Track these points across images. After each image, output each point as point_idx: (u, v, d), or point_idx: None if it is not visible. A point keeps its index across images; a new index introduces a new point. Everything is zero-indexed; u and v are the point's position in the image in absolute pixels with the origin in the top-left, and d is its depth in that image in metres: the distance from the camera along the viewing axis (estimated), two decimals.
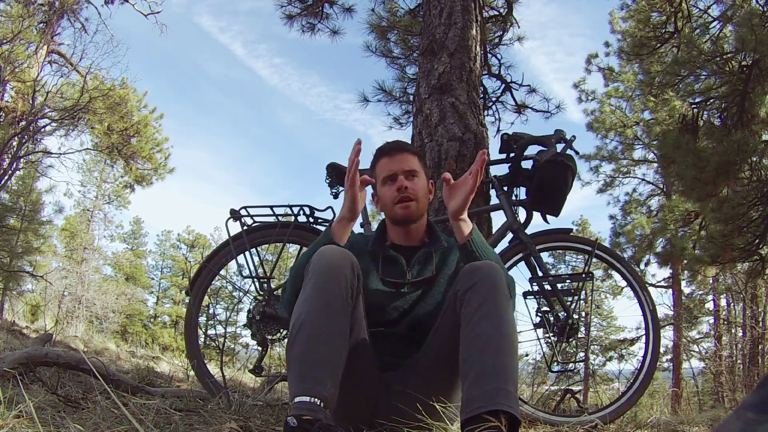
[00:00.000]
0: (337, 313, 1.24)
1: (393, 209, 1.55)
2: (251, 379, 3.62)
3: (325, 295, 1.24)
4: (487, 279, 1.26)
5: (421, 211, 1.57)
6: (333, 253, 1.31)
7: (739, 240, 4.70)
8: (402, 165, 1.57)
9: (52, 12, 9.71)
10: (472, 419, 1.07)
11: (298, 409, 1.09)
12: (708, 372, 9.64)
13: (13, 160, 8.25)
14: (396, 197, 1.54)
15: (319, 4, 4.82)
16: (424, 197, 1.58)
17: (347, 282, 1.28)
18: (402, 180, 1.55)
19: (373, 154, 1.68)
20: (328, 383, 1.15)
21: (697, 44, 4.76)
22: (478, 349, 1.16)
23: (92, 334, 11.15)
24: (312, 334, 1.20)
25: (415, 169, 1.58)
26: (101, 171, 18.99)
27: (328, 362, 1.18)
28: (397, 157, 1.59)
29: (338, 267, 1.28)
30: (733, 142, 4.26)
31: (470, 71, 2.83)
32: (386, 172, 1.58)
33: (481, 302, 1.22)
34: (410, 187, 1.54)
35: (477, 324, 1.20)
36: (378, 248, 1.59)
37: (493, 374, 1.12)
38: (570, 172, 2.17)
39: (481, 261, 1.36)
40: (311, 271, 1.29)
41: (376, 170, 1.63)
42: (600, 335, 18.14)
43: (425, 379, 1.38)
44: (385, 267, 1.56)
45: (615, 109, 13.11)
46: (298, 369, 1.17)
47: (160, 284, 27.23)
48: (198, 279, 2.33)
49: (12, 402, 1.19)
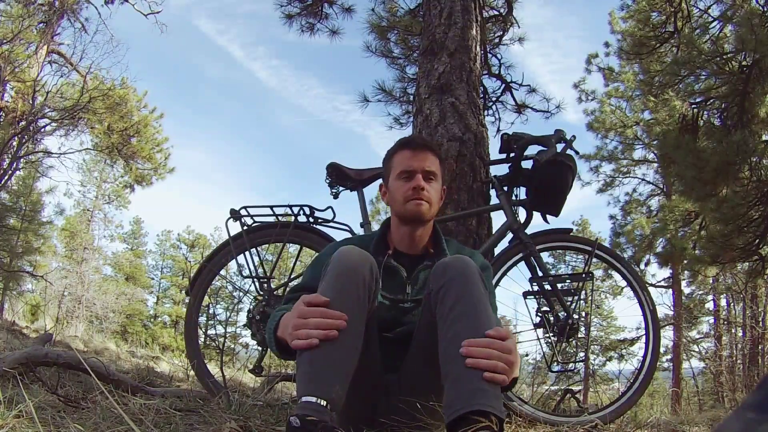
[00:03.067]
0: (353, 316, 1.20)
1: (404, 206, 1.49)
2: (251, 379, 3.62)
3: (342, 297, 1.21)
4: (460, 275, 1.23)
5: (432, 214, 1.52)
6: (352, 254, 1.28)
7: (739, 240, 4.70)
8: (423, 164, 1.49)
9: (52, 12, 9.71)
10: (455, 422, 1.05)
11: (303, 409, 1.07)
12: (708, 372, 9.64)
13: (13, 160, 8.25)
14: (409, 195, 1.47)
15: (319, 4, 4.81)
16: (436, 202, 1.52)
17: (365, 284, 1.24)
18: (420, 179, 1.47)
19: (394, 144, 1.57)
20: (336, 386, 1.12)
21: (697, 44, 4.76)
22: (455, 348, 1.14)
23: (92, 334, 11.16)
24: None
25: (435, 171, 1.51)
26: (101, 171, 18.99)
27: (340, 365, 1.15)
28: (421, 154, 1.51)
29: (357, 269, 1.25)
30: (733, 143, 4.27)
31: (470, 71, 2.83)
32: (405, 167, 1.50)
33: (456, 300, 1.20)
34: (426, 188, 1.48)
35: (453, 323, 1.18)
36: (379, 255, 1.50)
37: (471, 373, 1.09)
38: (570, 172, 2.17)
39: (452, 256, 1.33)
40: (330, 271, 1.25)
41: (393, 160, 1.54)
42: (600, 335, 18.14)
43: (416, 381, 1.37)
44: (385, 278, 1.49)
45: (615, 109, 13.12)
46: (308, 369, 1.14)
47: (160, 284, 27.24)
48: (198, 279, 2.33)
49: (12, 402, 1.19)
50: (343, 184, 2.34)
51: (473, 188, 2.51)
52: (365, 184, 2.33)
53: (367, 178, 2.31)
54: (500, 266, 2.15)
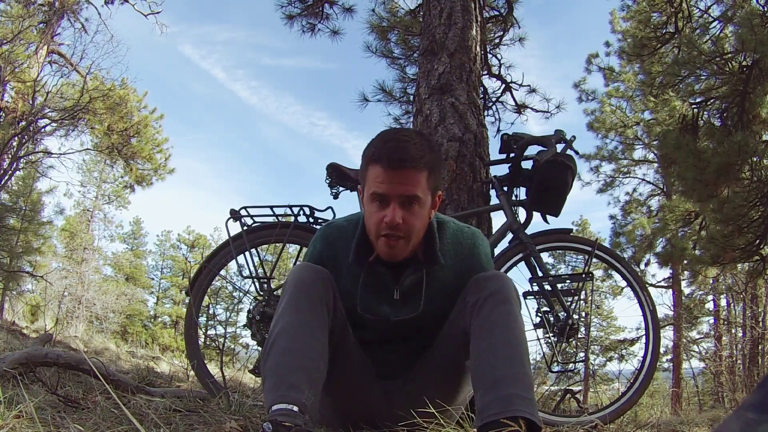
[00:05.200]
0: (312, 326, 1.20)
1: (376, 240, 1.27)
2: (251, 379, 3.62)
3: (299, 309, 1.22)
4: (499, 292, 1.24)
5: (411, 247, 1.28)
6: (307, 270, 1.29)
7: (739, 240, 4.70)
8: (400, 189, 1.20)
9: (52, 12, 9.72)
10: (490, 424, 1.04)
11: (275, 415, 1.05)
12: (708, 372, 9.63)
13: (13, 160, 8.25)
14: (382, 229, 1.23)
15: (320, 5, 4.81)
16: (421, 228, 1.27)
17: (321, 299, 1.24)
18: (395, 210, 1.20)
19: (367, 145, 1.27)
20: (305, 390, 1.10)
21: (698, 45, 4.76)
22: (492, 358, 1.15)
23: (92, 334, 11.15)
24: (286, 347, 1.17)
25: (418, 194, 1.21)
26: (101, 171, 18.98)
27: (304, 370, 1.14)
28: (398, 175, 1.19)
29: (311, 284, 1.25)
30: (733, 143, 4.26)
31: (470, 71, 2.83)
32: (377, 187, 1.21)
33: (493, 312, 1.21)
34: (405, 220, 1.21)
35: (489, 334, 1.19)
36: (360, 262, 1.32)
37: (509, 381, 1.10)
38: (570, 173, 2.17)
39: (491, 272, 1.34)
40: (285, 288, 1.27)
41: (367, 173, 1.25)
42: (600, 335, 18.14)
43: (428, 385, 1.36)
44: (367, 289, 1.34)
45: (615, 109, 13.12)
46: (273, 380, 1.13)
47: (160, 284, 27.24)
48: (198, 279, 2.33)
49: (12, 402, 1.19)
50: (343, 184, 2.34)
51: (473, 188, 2.51)
52: None
53: None
54: (500, 266, 2.14)
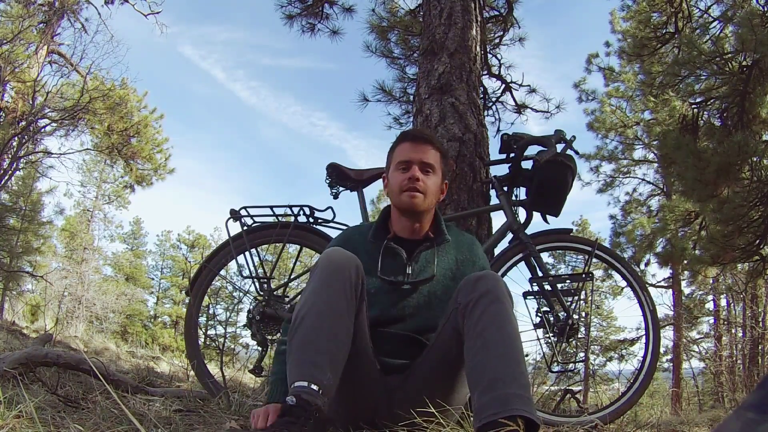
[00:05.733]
0: (341, 310, 1.25)
1: (399, 196, 1.51)
2: (251, 379, 3.62)
3: (329, 291, 1.25)
4: (491, 291, 1.25)
5: (428, 205, 1.52)
6: (338, 254, 1.33)
7: (739, 240, 4.69)
8: (421, 156, 1.52)
9: (52, 12, 9.71)
10: (488, 425, 1.05)
11: (298, 391, 1.11)
12: (708, 372, 9.62)
13: (13, 160, 8.25)
14: (405, 185, 1.49)
15: (320, 4, 4.81)
16: (433, 194, 1.53)
17: (351, 284, 1.28)
18: (416, 170, 1.50)
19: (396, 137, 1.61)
20: (327, 372, 1.15)
21: (698, 45, 4.75)
22: (487, 357, 1.15)
23: (92, 334, 11.15)
24: (315, 326, 1.21)
25: (433, 164, 1.53)
26: (101, 171, 18.97)
27: (330, 353, 1.19)
28: (420, 146, 1.53)
29: (343, 268, 1.29)
30: (733, 143, 4.26)
31: (470, 71, 2.83)
32: (402, 157, 1.53)
33: (485, 312, 1.22)
34: (422, 180, 1.49)
35: (482, 333, 1.19)
36: (379, 239, 1.56)
37: (505, 381, 1.11)
38: (570, 173, 2.17)
39: (482, 272, 1.35)
40: (317, 269, 1.30)
41: (394, 152, 1.58)
42: (600, 335, 18.14)
43: (425, 384, 1.37)
44: (385, 260, 1.52)
45: (615, 109, 13.11)
46: (299, 356, 1.18)
47: (160, 284, 27.21)
48: (198, 279, 2.33)
49: (12, 402, 1.19)
50: (343, 184, 2.34)
51: (473, 188, 2.51)
52: (365, 185, 2.33)
53: (367, 179, 2.31)
54: (500, 266, 2.15)
